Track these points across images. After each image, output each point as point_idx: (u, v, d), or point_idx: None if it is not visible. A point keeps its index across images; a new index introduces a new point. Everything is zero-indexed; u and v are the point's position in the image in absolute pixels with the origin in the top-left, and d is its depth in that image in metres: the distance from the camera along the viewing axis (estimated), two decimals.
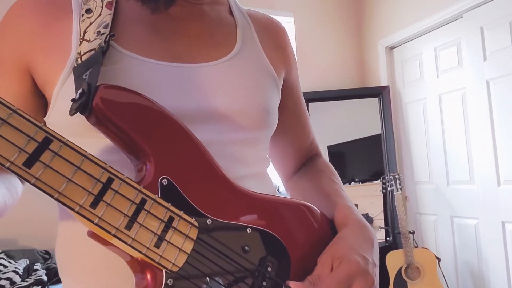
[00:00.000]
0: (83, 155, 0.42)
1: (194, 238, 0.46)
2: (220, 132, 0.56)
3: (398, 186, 2.68)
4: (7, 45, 0.56)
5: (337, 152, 3.18)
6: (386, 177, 2.82)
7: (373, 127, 3.17)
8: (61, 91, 0.52)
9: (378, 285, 0.52)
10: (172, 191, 0.46)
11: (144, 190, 0.44)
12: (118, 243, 0.42)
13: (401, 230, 2.53)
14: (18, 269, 1.91)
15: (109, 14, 0.55)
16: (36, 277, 1.89)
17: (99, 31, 0.53)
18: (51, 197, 0.39)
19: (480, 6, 2.49)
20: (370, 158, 3.22)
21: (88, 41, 0.52)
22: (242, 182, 0.53)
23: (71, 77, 0.51)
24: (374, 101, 3.20)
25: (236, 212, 0.50)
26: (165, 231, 0.44)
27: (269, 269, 0.49)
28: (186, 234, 0.45)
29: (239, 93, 0.59)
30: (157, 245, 0.43)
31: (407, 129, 3.12)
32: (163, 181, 0.46)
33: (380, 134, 3.16)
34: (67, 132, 0.48)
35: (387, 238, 2.98)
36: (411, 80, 3.07)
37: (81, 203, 0.40)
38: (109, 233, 0.41)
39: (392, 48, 3.25)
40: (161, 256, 0.43)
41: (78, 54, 0.51)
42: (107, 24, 0.54)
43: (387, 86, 3.18)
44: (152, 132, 0.47)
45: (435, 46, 2.84)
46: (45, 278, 1.90)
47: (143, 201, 0.44)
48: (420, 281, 2.43)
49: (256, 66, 0.64)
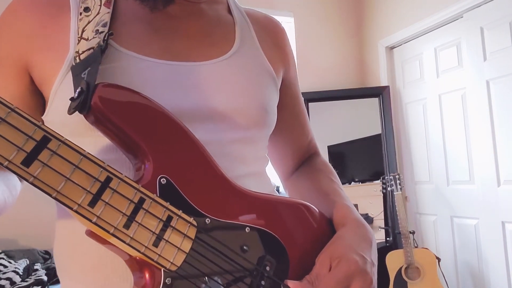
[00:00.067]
0: (81, 154, 0.42)
1: (193, 237, 0.46)
2: (218, 131, 0.56)
3: (398, 186, 2.67)
4: (4, 44, 0.56)
5: (337, 152, 3.18)
6: (386, 177, 2.81)
7: (373, 127, 3.17)
8: (59, 90, 0.52)
9: (377, 285, 0.52)
10: (171, 190, 0.46)
11: (142, 189, 0.44)
12: (116, 242, 0.42)
13: (401, 230, 2.53)
14: (18, 269, 1.91)
15: (108, 13, 0.55)
16: (36, 277, 1.89)
17: (98, 30, 0.53)
18: (50, 196, 0.39)
19: (480, 6, 2.49)
20: (370, 158, 3.22)
21: (87, 39, 0.52)
22: (240, 181, 0.53)
23: (69, 75, 0.51)
24: (374, 101, 3.20)
25: (235, 211, 0.50)
26: (163, 230, 0.44)
27: (268, 268, 0.49)
28: (185, 233, 0.45)
29: (238, 92, 0.59)
30: (156, 244, 0.43)
31: (407, 129, 3.12)
32: (161, 180, 0.46)
33: (380, 134, 3.15)
34: (65, 130, 0.48)
35: (387, 238, 2.98)
36: (411, 80, 3.07)
37: (79, 202, 0.40)
38: (108, 232, 0.41)
39: (392, 48, 3.25)
40: (159, 255, 0.43)
41: (77, 52, 0.51)
42: (106, 23, 0.54)
43: (387, 86, 3.18)
44: (150, 131, 0.47)
45: (435, 46, 2.84)
46: (45, 278, 1.90)
47: (142, 200, 0.44)
48: (420, 281, 2.43)
49: (255, 65, 0.64)
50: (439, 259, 2.49)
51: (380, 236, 3.00)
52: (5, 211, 0.51)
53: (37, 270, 1.96)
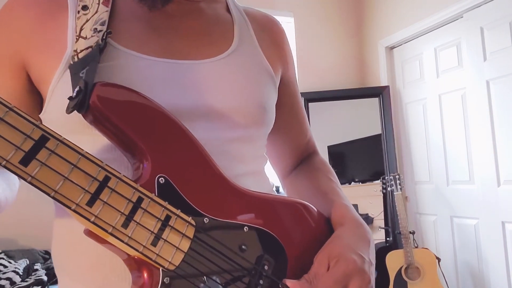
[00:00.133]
0: (79, 153, 0.42)
1: (191, 236, 0.46)
2: (217, 129, 0.56)
3: (398, 186, 2.67)
4: (1, 42, 0.56)
5: (337, 152, 3.18)
6: (386, 177, 2.81)
7: (373, 127, 3.17)
8: (57, 88, 0.52)
9: (375, 285, 0.52)
10: (169, 189, 0.46)
11: (141, 189, 0.44)
12: (114, 242, 0.42)
13: (401, 230, 2.53)
14: (18, 269, 1.91)
15: (106, 11, 0.55)
16: (36, 277, 1.89)
17: (96, 28, 0.53)
18: (48, 195, 0.39)
19: (480, 6, 2.49)
20: (370, 158, 3.22)
21: (85, 38, 0.52)
22: (239, 180, 0.53)
23: (67, 73, 0.51)
24: (374, 101, 3.20)
25: (233, 210, 0.50)
26: (162, 230, 0.44)
27: (266, 267, 0.49)
28: (183, 232, 0.45)
29: (236, 91, 0.59)
30: (154, 243, 0.43)
31: (407, 129, 3.11)
32: (160, 179, 0.46)
33: (380, 134, 3.15)
34: (63, 129, 0.47)
35: (387, 238, 2.98)
36: (411, 80, 3.07)
37: (77, 202, 0.40)
38: (106, 231, 0.41)
39: (392, 48, 3.25)
40: (157, 254, 0.43)
41: (75, 51, 0.51)
42: (104, 21, 0.54)
43: (387, 86, 3.18)
44: (149, 131, 0.47)
45: (435, 46, 2.84)
46: (45, 278, 1.90)
47: (140, 200, 0.44)
48: (420, 281, 2.42)
49: (253, 63, 0.64)
50: (439, 259, 2.49)
51: (380, 236, 3.00)
52: (5, 208, 0.51)
53: (37, 270, 1.97)
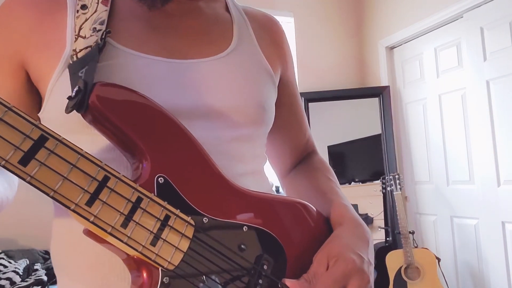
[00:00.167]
0: (79, 153, 0.42)
1: (190, 236, 0.46)
2: (216, 129, 0.56)
3: (398, 186, 2.67)
4: (1, 42, 0.55)
5: (337, 152, 3.18)
6: (386, 177, 2.81)
7: (373, 127, 3.17)
8: (55, 87, 0.52)
9: (374, 284, 0.52)
10: (169, 189, 0.46)
11: (140, 189, 0.44)
12: (114, 241, 0.42)
13: (401, 230, 2.53)
14: (18, 269, 1.91)
15: (105, 11, 0.55)
16: (36, 277, 1.89)
17: (95, 28, 0.52)
18: (47, 195, 0.39)
19: (480, 6, 2.49)
20: (370, 158, 3.22)
21: (84, 37, 0.52)
22: (238, 180, 0.53)
23: (66, 72, 0.51)
24: (374, 101, 3.20)
25: (233, 210, 0.50)
26: (161, 230, 0.44)
27: (265, 267, 0.49)
28: (182, 232, 0.45)
29: (235, 90, 0.59)
30: (153, 243, 0.43)
31: (407, 129, 3.11)
32: (159, 179, 0.46)
33: (380, 134, 3.15)
34: (62, 128, 0.47)
35: (387, 238, 2.98)
36: (411, 80, 3.07)
37: (76, 202, 0.40)
38: (105, 231, 0.41)
39: (392, 48, 3.25)
40: (157, 254, 0.43)
41: (74, 51, 0.51)
42: (103, 21, 0.53)
43: (387, 86, 3.18)
44: (148, 130, 0.47)
45: (435, 46, 2.84)
46: (45, 278, 1.90)
47: (139, 200, 0.44)
48: (420, 281, 2.42)
49: (253, 62, 0.64)
50: (439, 259, 2.49)
51: (380, 236, 3.00)
52: (6, 207, 0.51)
53: (37, 270, 1.97)
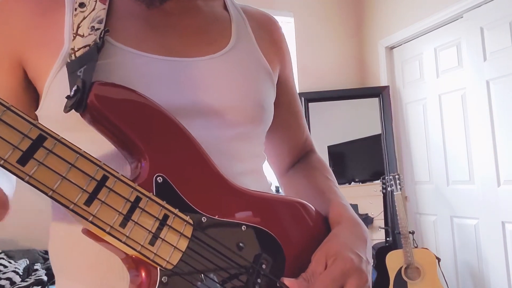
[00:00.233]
0: (77, 152, 0.42)
1: (189, 235, 0.46)
2: (214, 127, 0.56)
3: (398, 186, 2.67)
4: None
5: (337, 152, 3.18)
6: (386, 177, 2.81)
7: (373, 127, 3.17)
8: (53, 84, 0.52)
9: (374, 284, 0.52)
10: (167, 188, 0.46)
11: (139, 188, 0.44)
12: (112, 241, 0.42)
13: (401, 230, 2.53)
14: (18, 269, 1.92)
15: (103, 9, 0.55)
16: (36, 277, 1.89)
17: (93, 26, 0.52)
18: (45, 194, 0.39)
19: (480, 6, 2.49)
20: (370, 158, 3.22)
21: (82, 36, 0.52)
22: (237, 179, 0.53)
23: (63, 70, 0.51)
24: (374, 101, 3.20)
25: (231, 209, 0.50)
26: (159, 229, 0.44)
27: (264, 266, 0.49)
28: (181, 232, 0.45)
29: (234, 88, 0.59)
30: (152, 242, 0.43)
31: (407, 129, 3.11)
32: (158, 178, 0.46)
33: (380, 134, 3.15)
34: (60, 126, 0.47)
35: (387, 238, 2.98)
36: (411, 80, 3.07)
37: (75, 201, 0.40)
38: (104, 230, 0.41)
39: (392, 48, 3.25)
40: (155, 253, 0.43)
41: (72, 49, 0.51)
42: (102, 19, 0.53)
43: (387, 86, 3.18)
44: (147, 130, 0.47)
45: (435, 46, 2.84)
46: (45, 278, 1.90)
47: (138, 199, 0.44)
48: (420, 281, 2.42)
49: (251, 61, 0.64)
50: (439, 259, 2.49)
51: (380, 236, 3.00)
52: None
53: (37, 270, 1.97)
